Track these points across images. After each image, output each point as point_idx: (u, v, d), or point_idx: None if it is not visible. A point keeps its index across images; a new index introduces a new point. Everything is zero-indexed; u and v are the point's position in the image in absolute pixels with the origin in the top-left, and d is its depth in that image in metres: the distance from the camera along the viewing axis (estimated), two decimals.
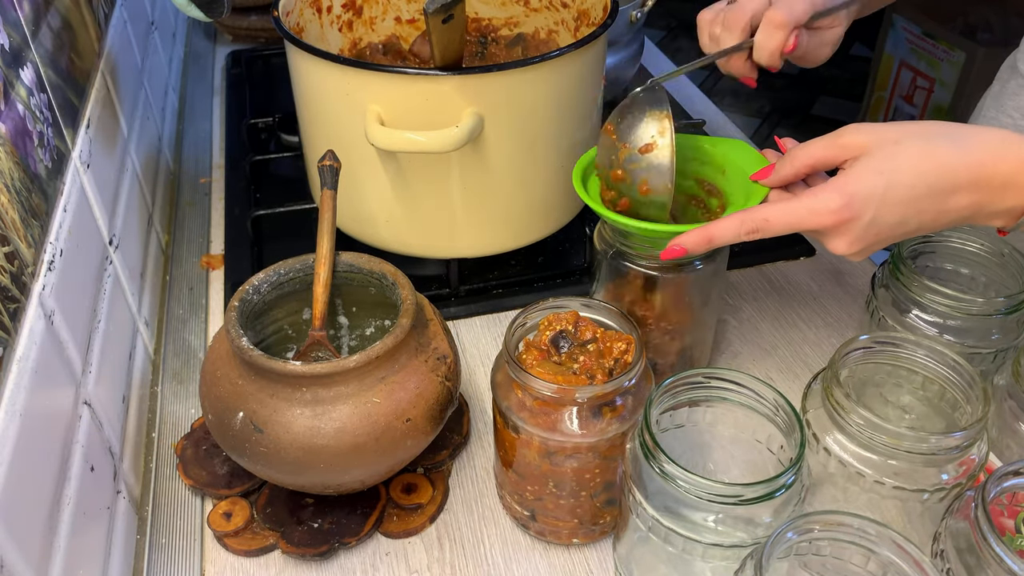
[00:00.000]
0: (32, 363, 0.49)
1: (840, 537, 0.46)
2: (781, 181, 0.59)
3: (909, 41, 2.45)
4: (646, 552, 0.56)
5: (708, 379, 0.54)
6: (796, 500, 0.49)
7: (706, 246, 0.57)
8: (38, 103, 0.59)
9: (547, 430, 0.54)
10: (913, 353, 0.57)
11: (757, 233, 0.55)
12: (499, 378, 0.58)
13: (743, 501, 0.47)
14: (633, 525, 0.54)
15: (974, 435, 0.51)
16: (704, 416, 0.57)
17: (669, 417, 0.56)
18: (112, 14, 0.89)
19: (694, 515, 0.49)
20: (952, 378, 0.56)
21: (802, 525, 0.45)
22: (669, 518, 0.50)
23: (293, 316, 0.67)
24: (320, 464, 0.55)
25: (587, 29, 0.86)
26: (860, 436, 0.53)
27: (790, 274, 0.88)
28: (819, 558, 0.48)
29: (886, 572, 0.45)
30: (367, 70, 0.70)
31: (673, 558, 0.52)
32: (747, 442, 0.56)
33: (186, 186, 1.03)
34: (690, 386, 0.54)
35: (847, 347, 0.57)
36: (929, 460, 0.52)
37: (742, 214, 0.55)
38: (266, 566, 0.61)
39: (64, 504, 0.51)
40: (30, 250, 0.52)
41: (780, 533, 0.45)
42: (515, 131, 0.73)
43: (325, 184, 0.65)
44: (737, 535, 0.49)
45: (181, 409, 0.73)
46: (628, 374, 0.54)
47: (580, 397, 0.53)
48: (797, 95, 3.20)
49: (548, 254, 0.88)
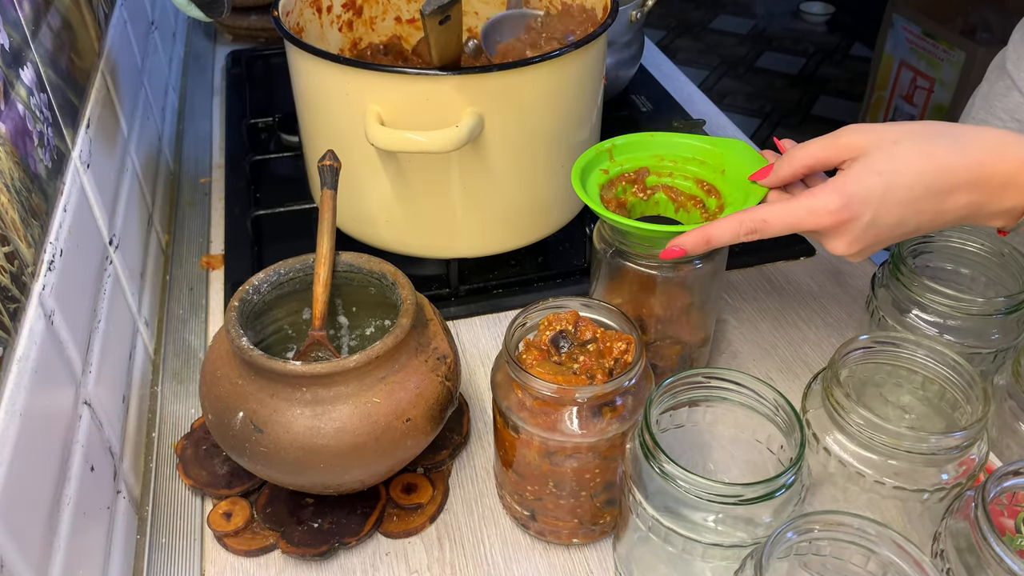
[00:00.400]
0: (32, 363, 0.49)
1: (840, 537, 0.46)
2: (779, 181, 0.59)
3: (909, 41, 2.45)
4: (646, 552, 0.56)
5: (708, 379, 0.54)
6: (796, 500, 0.49)
7: (704, 247, 0.57)
8: (38, 103, 0.59)
9: (547, 430, 0.54)
10: (913, 353, 0.57)
11: (755, 234, 0.55)
12: (499, 378, 0.58)
13: (743, 501, 0.47)
14: (633, 525, 0.54)
15: (974, 435, 0.51)
16: (704, 416, 0.57)
17: (669, 417, 0.56)
18: (112, 14, 0.89)
19: (694, 515, 0.49)
20: (952, 378, 0.56)
21: (802, 525, 0.45)
22: (669, 518, 0.50)
23: (293, 316, 0.67)
24: (320, 464, 0.55)
25: (587, 29, 0.86)
26: (860, 436, 0.53)
27: (790, 274, 0.88)
28: (819, 558, 0.48)
29: (886, 572, 0.45)
30: (367, 70, 0.70)
31: (673, 558, 0.52)
32: (747, 442, 0.56)
33: (186, 186, 1.03)
34: (690, 386, 0.54)
35: (847, 347, 0.57)
36: (929, 460, 0.52)
37: (741, 215, 0.55)
38: (266, 566, 0.61)
39: (64, 504, 0.51)
40: (30, 250, 0.52)
41: (780, 533, 0.45)
42: (515, 131, 0.73)
43: (325, 184, 0.65)
44: (737, 535, 0.49)
45: (181, 409, 0.73)
46: (628, 374, 0.54)
47: (580, 397, 0.53)
48: (797, 95, 3.20)
49: (548, 254, 0.88)
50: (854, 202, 0.52)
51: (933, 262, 0.70)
